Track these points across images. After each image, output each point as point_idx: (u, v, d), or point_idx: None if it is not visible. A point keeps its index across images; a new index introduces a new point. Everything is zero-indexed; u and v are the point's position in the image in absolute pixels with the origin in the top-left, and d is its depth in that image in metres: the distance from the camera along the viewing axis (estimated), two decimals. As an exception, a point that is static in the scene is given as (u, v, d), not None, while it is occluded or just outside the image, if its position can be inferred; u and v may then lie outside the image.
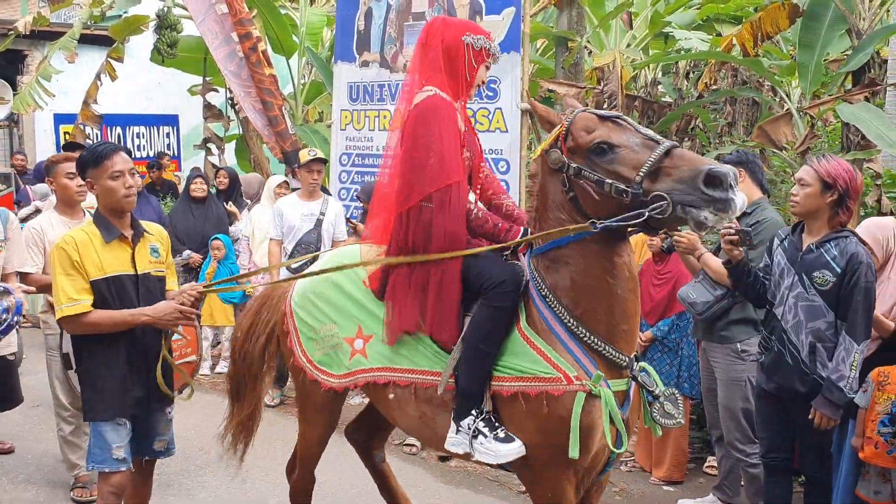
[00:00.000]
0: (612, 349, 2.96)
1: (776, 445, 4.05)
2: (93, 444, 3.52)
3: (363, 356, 3.38)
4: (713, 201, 2.59)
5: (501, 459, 2.99)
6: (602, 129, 2.85)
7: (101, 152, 3.51)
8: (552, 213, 3.00)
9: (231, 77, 8.66)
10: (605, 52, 9.16)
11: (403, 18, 7.83)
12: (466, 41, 3.19)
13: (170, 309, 3.41)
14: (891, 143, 6.45)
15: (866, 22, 7.68)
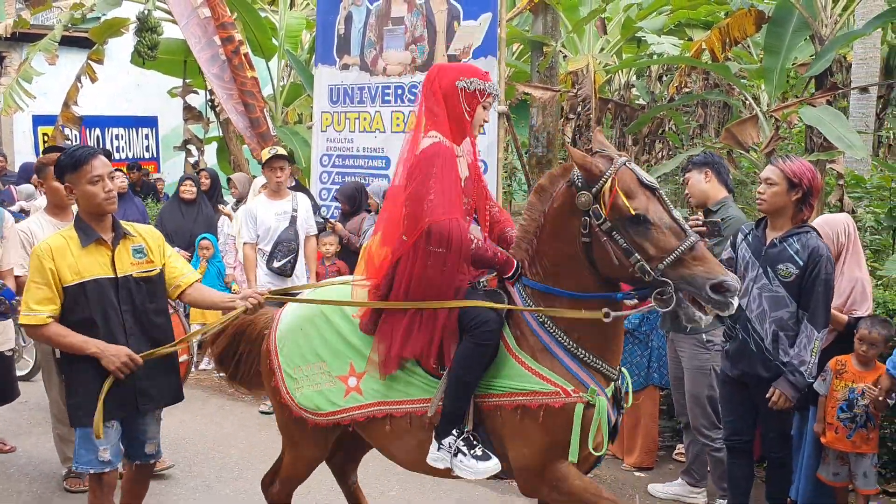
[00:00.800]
0: (605, 365, 3.22)
1: (738, 429, 4.29)
2: (78, 445, 3.54)
3: (358, 393, 3.46)
4: (714, 301, 2.84)
5: (479, 476, 3.22)
6: (641, 198, 2.99)
7: (80, 156, 3.47)
8: (561, 246, 3.15)
9: (214, 79, 8.81)
10: (579, 57, 9.41)
11: (383, 23, 8.03)
12: (459, 86, 3.31)
13: (120, 353, 3.40)
14: (851, 145, 6.75)
15: (828, 28, 7.98)
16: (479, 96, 3.33)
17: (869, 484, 4.50)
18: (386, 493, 4.99)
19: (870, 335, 4.41)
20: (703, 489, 4.99)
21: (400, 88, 7.88)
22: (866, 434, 4.47)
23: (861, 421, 4.46)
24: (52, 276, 3.40)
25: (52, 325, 3.41)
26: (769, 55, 8.20)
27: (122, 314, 3.51)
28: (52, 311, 3.41)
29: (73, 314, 3.45)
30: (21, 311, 3.48)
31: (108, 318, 3.48)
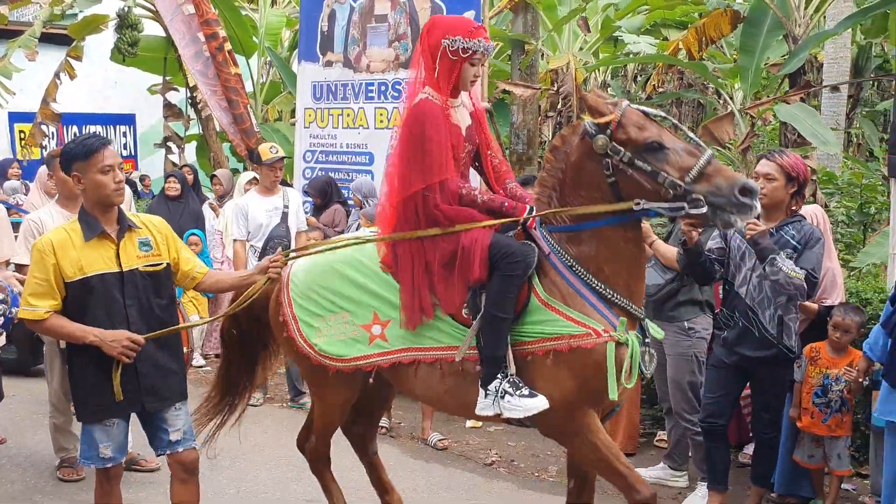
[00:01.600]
0: (632, 305, 3.32)
1: (714, 412, 4.45)
2: (82, 441, 3.52)
3: (383, 340, 3.55)
4: (741, 206, 3.03)
5: (529, 413, 3.25)
6: (653, 128, 3.19)
7: (91, 145, 3.38)
8: (585, 191, 3.28)
9: (198, 76, 8.85)
10: (559, 55, 9.56)
11: (366, 20, 8.11)
12: (444, 44, 3.34)
13: (119, 337, 3.32)
14: (824, 140, 6.96)
15: (801, 28, 8.20)
16: (461, 54, 3.35)
17: (843, 465, 4.68)
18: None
19: (843, 322, 4.59)
20: (684, 473, 5.13)
21: (384, 85, 7.97)
22: (840, 418, 4.65)
23: (836, 406, 4.63)
24: (54, 272, 3.34)
25: (51, 318, 3.36)
26: (744, 54, 8.40)
27: (126, 308, 3.42)
28: (52, 307, 3.36)
29: (75, 309, 3.38)
30: (21, 305, 3.45)
31: (112, 314, 3.40)
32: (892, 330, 4.11)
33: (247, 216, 6.51)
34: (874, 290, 5.48)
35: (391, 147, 3.55)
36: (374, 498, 4.34)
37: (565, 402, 3.29)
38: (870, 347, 4.37)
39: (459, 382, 3.45)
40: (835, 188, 8.91)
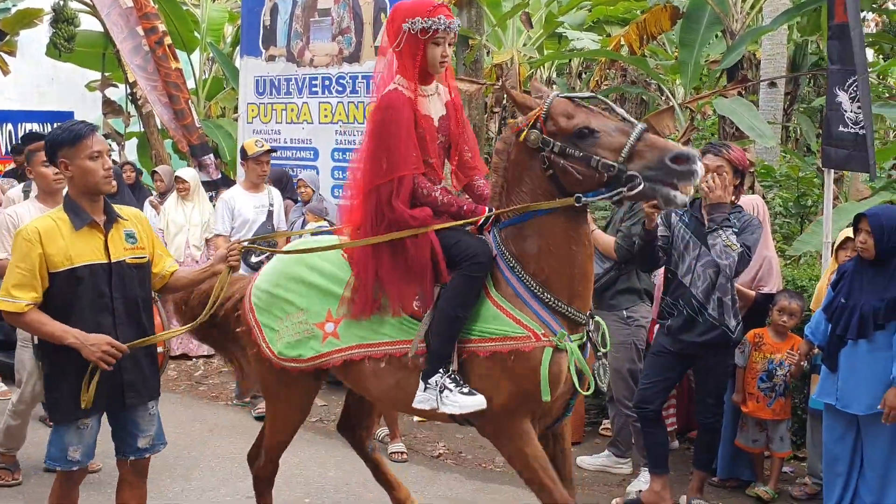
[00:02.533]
0: (572, 309, 3.27)
1: (648, 397, 4.52)
2: (51, 442, 3.38)
3: (335, 338, 3.54)
4: (678, 173, 2.95)
5: (465, 410, 3.25)
6: (581, 114, 3.14)
7: (79, 131, 3.28)
8: (527, 187, 3.25)
9: (137, 71, 8.68)
10: (503, 51, 9.61)
11: (309, 15, 8.05)
12: (405, 28, 3.31)
13: (100, 342, 3.19)
14: (761, 133, 7.11)
15: (739, 23, 8.38)
16: (420, 36, 3.30)
17: (784, 447, 4.83)
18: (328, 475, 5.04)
19: (790, 306, 4.73)
20: (628, 460, 5.21)
21: (327, 80, 7.91)
22: (784, 402, 4.77)
23: (780, 390, 4.76)
24: (39, 262, 3.20)
25: (31, 313, 3.21)
26: (684, 49, 8.55)
27: (112, 301, 3.32)
28: (33, 299, 3.21)
29: (60, 301, 3.25)
30: (0, 296, 3.25)
31: (98, 306, 3.29)
32: (832, 315, 4.22)
33: (233, 211, 6.25)
34: (809, 278, 5.63)
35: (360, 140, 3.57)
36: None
37: (501, 404, 3.28)
38: (811, 332, 4.49)
39: (408, 377, 3.43)
40: (773, 181, 9.12)
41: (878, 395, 4.02)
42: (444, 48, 3.38)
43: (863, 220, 4.12)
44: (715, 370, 4.52)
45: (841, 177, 7.64)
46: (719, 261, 4.22)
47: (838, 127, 5.58)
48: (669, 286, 4.52)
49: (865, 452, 4.18)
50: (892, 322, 3.98)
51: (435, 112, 3.47)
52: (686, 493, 4.68)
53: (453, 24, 3.39)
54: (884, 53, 14.93)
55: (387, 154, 3.30)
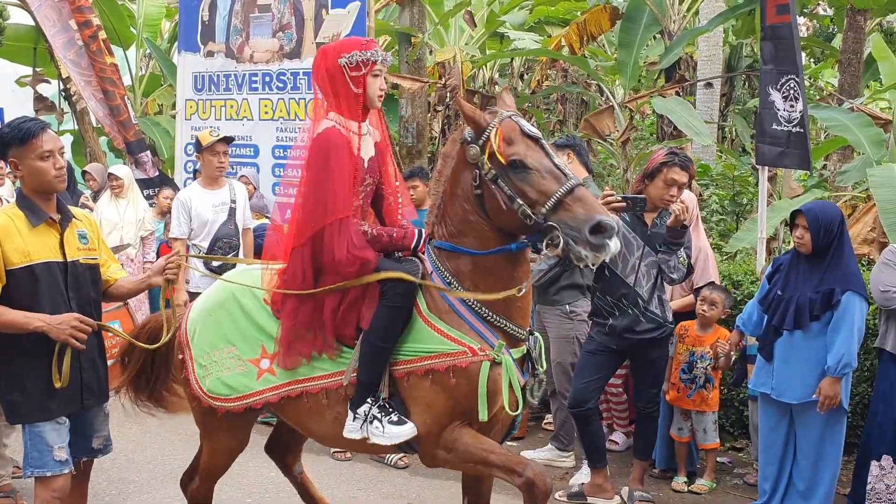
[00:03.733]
0: (510, 324, 3.20)
1: (584, 398, 4.54)
2: (30, 447, 3.21)
3: (272, 374, 3.42)
4: (591, 245, 2.86)
5: (394, 440, 3.18)
6: (521, 145, 3.03)
7: (29, 129, 3.19)
8: (458, 202, 3.18)
9: (70, 66, 8.44)
10: (446, 48, 9.63)
11: (249, 10, 7.94)
12: (342, 63, 3.27)
13: (67, 319, 3.13)
14: (698, 132, 7.27)
15: (676, 24, 8.54)
16: (362, 67, 3.28)
17: (708, 439, 4.92)
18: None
19: (710, 296, 4.85)
20: (570, 453, 5.27)
21: (268, 76, 7.82)
22: (706, 394, 4.88)
23: (700, 382, 4.87)
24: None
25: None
26: (623, 49, 8.69)
27: (69, 300, 3.26)
28: None
29: (16, 299, 3.16)
30: None
31: (56, 305, 3.21)
32: (769, 306, 4.32)
33: (189, 212, 5.77)
34: (745, 273, 5.76)
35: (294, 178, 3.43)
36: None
37: (439, 423, 3.19)
38: (743, 322, 4.60)
39: (346, 409, 3.32)
40: (709, 179, 9.33)
41: (812, 384, 4.14)
42: (382, 81, 3.36)
43: (799, 216, 4.22)
44: (655, 362, 4.61)
45: (774, 175, 7.84)
46: (671, 275, 4.34)
47: (772, 125, 5.75)
48: (608, 285, 4.53)
49: (798, 440, 4.30)
50: (826, 313, 4.09)
51: (366, 153, 3.40)
52: (627, 485, 4.74)
53: (388, 56, 3.39)
54: (815, 57, 15.39)
55: (330, 195, 3.20)
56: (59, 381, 3.16)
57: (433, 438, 3.23)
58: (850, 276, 4.12)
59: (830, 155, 9.62)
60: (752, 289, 5.31)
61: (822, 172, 10.12)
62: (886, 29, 12.79)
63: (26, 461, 3.24)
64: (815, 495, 4.25)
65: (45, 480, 3.21)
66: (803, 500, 4.28)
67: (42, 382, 3.18)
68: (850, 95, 8.79)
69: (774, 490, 4.38)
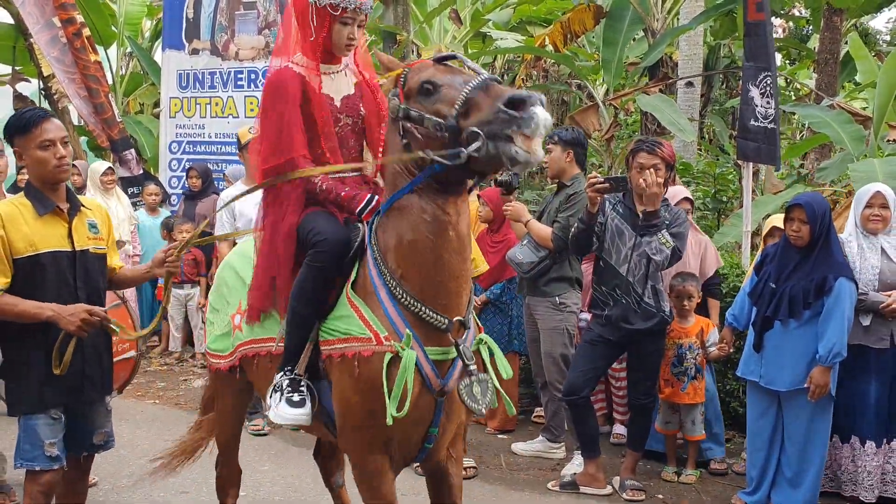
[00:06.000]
0: (429, 310, 2.76)
1: (578, 387, 4.59)
2: (22, 439, 3.20)
3: (240, 331, 3.33)
4: (514, 120, 2.40)
5: (282, 422, 2.91)
6: (430, 70, 2.71)
7: (30, 119, 3.19)
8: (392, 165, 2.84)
9: (54, 63, 8.40)
10: (430, 46, 9.67)
11: (234, 7, 7.97)
12: (311, 1, 3.01)
13: (77, 311, 3.11)
14: (682, 128, 7.36)
15: (659, 23, 8.64)
16: (331, 11, 3.01)
17: (696, 431, 4.97)
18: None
19: (685, 289, 4.89)
20: (561, 444, 5.31)
21: (253, 73, 7.85)
22: (696, 385, 4.93)
23: (692, 373, 4.91)
24: (2, 245, 3.12)
25: (2, 297, 3.11)
26: (607, 47, 8.78)
27: (76, 290, 3.25)
28: (3, 284, 3.12)
29: (24, 288, 3.15)
30: None
31: (62, 295, 3.20)
32: (759, 298, 4.39)
33: (233, 211, 5.66)
34: (731, 266, 5.85)
35: None
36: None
37: (350, 419, 2.85)
38: (734, 317, 4.66)
39: None
40: (690, 177, 9.43)
41: (801, 372, 4.21)
42: (353, 29, 3.07)
43: (797, 209, 4.25)
44: (651, 354, 4.64)
45: (757, 171, 7.97)
46: (653, 257, 4.35)
47: (751, 121, 5.84)
48: (603, 275, 4.60)
49: (786, 428, 4.37)
50: (819, 300, 4.17)
51: (338, 91, 3.15)
52: (619, 474, 4.80)
53: (365, 4, 3.09)
54: (791, 58, 15.61)
55: (275, 136, 3.03)
56: (58, 368, 3.15)
57: (347, 434, 2.90)
58: (840, 263, 4.22)
59: (809, 152, 9.78)
60: (738, 282, 5.40)
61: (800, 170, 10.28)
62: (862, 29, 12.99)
63: (17, 453, 3.23)
64: (803, 482, 4.32)
65: (34, 474, 3.19)
66: (791, 487, 4.35)
67: (40, 372, 3.17)
68: (827, 95, 8.94)
69: (762, 477, 4.44)
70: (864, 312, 4.36)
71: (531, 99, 2.42)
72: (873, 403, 4.41)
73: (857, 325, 4.34)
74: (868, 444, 4.45)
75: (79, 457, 3.41)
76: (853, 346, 4.27)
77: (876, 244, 4.45)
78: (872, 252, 4.44)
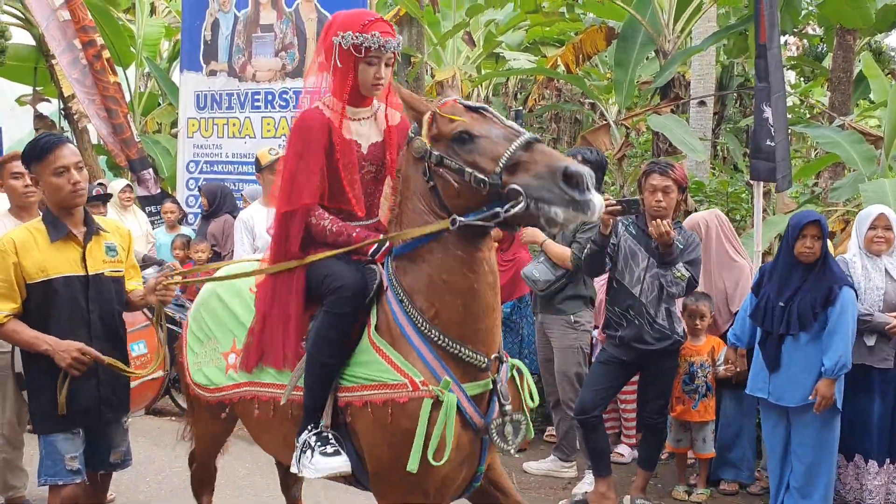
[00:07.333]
0: (467, 350, 2.74)
1: (589, 406, 4.61)
2: (44, 456, 3.25)
3: (234, 371, 3.24)
4: (572, 202, 2.43)
5: (321, 474, 2.83)
6: (464, 118, 2.67)
7: (44, 145, 3.23)
8: (412, 203, 2.80)
9: (75, 84, 8.58)
10: (444, 67, 9.79)
11: (251, 30, 8.10)
12: (335, 42, 2.91)
13: (71, 348, 3.15)
14: (693, 148, 7.40)
15: (671, 43, 8.71)
16: (355, 52, 2.90)
17: (707, 448, 4.99)
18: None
19: (698, 308, 4.92)
20: (573, 463, 5.33)
21: (270, 94, 7.96)
22: (707, 403, 4.95)
23: (703, 391, 4.93)
24: (14, 271, 3.16)
25: (9, 323, 3.18)
26: (618, 68, 8.85)
27: (89, 314, 3.29)
28: (12, 310, 3.18)
29: (36, 313, 3.22)
30: None
31: (74, 319, 3.25)
32: (764, 318, 4.41)
33: (253, 231, 5.65)
34: (741, 285, 5.86)
35: None
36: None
37: (384, 469, 2.79)
38: (737, 337, 4.69)
39: (293, 432, 2.95)
40: (703, 196, 9.46)
41: (808, 386, 4.24)
42: (379, 69, 2.94)
43: (811, 226, 4.29)
44: (664, 374, 4.67)
45: (769, 191, 7.99)
46: (669, 289, 4.41)
47: (765, 141, 5.87)
48: (616, 296, 4.62)
49: (793, 442, 4.39)
50: (827, 310, 4.21)
51: (365, 137, 3.06)
52: (630, 493, 4.82)
53: (390, 42, 2.93)
54: (805, 76, 15.62)
55: (293, 180, 2.96)
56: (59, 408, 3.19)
57: (381, 482, 2.83)
58: (840, 273, 4.32)
59: (822, 172, 9.79)
60: (749, 300, 5.42)
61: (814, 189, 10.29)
62: (875, 48, 13.00)
63: (40, 470, 3.29)
64: (813, 495, 4.34)
65: (56, 489, 3.25)
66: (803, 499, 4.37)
67: (56, 395, 3.21)
68: (840, 113, 8.96)
69: (778, 490, 4.48)
70: (868, 333, 4.40)
71: (585, 178, 2.43)
72: (877, 422, 4.45)
73: (861, 345, 4.39)
74: (871, 462, 4.49)
75: (96, 474, 3.44)
76: (857, 366, 4.31)
77: (880, 265, 4.50)
78: (877, 273, 4.49)
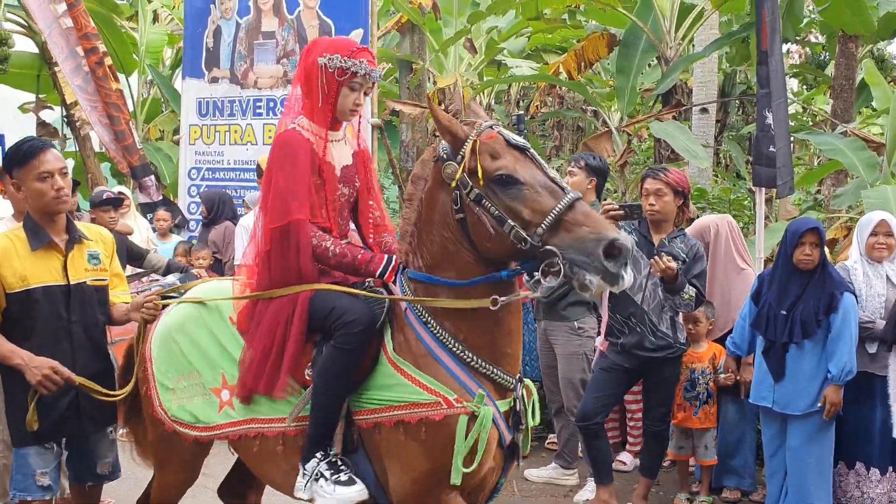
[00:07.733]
0: (499, 371, 2.83)
1: (592, 413, 4.59)
2: (15, 469, 3.19)
3: (231, 408, 3.11)
4: (605, 272, 2.49)
5: (338, 503, 2.84)
6: (508, 157, 2.66)
7: (27, 150, 3.13)
8: (435, 229, 2.79)
9: (78, 91, 8.58)
10: (446, 75, 9.79)
11: (253, 37, 8.11)
12: (321, 63, 2.92)
13: (43, 365, 3.04)
14: (695, 154, 7.40)
15: (673, 50, 8.71)
16: (337, 76, 2.93)
17: (708, 455, 4.96)
18: None
19: (693, 313, 4.88)
20: (574, 471, 5.31)
21: (272, 101, 7.96)
22: (708, 409, 4.92)
23: (703, 398, 4.91)
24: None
25: None
26: (620, 75, 8.85)
27: (70, 324, 3.21)
28: None
29: (17, 323, 3.14)
30: None
31: (56, 330, 3.18)
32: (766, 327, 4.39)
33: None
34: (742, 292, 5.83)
35: None
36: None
37: (417, 482, 2.82)
38: (736, 346, 4.67)
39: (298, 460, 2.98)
40: (705, 203, 9.45)
41: (814, 394, 4.24)
42: (360, 96, 3.00)
43: (810, 234, 4.28)
44: (667, 381, 4.65)
45: (771, 197, 7.98)
46: (678, 309, 4.44)
47: (767, 147, 5.86)
48: (618, 303, 4.60)
49: (788, 449, 4.37)
50: (829, 317, 4.19)
51: (339, 161, 3.09)
52: (632, 501, 4.79)
53: (375, 72, 3.02)
54: (807, 83, 15.62)
55: (284, 195, 2.92)
56: (28, 424, 3.11)
57: (412, 499, 2.85)
58: (840, 279, 4.32)
59: (825, 179, 9.78)
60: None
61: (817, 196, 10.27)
62: (878, 56, 13.00)
63: (12, 483, 3.23)
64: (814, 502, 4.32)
65: None
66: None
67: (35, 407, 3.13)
68: (843, 120, 8.95)
69: (777, 498, 4.46)
70: (870, 341, 4.38)
71: (627, 252, 2.49)
72: (878, 430, 4.43)
73: (863, 353, 4.37)
74: (872, 470, 4.47)
75: (84, 486, 3.38)
76: (859, 374, 4.29)
77: (881, 272, 4.49)
78: (878, 280, 4.47)
